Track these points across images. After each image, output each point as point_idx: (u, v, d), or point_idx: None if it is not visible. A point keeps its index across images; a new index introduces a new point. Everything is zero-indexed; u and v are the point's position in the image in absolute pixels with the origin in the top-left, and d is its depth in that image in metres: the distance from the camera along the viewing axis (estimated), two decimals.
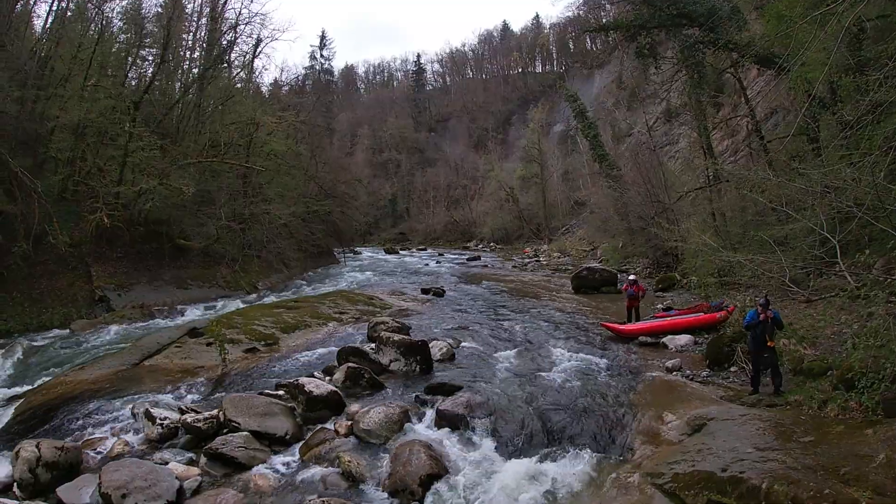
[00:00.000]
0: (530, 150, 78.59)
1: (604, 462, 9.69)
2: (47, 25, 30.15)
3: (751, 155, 28.89)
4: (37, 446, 9.34)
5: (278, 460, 10.05)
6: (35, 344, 19.10)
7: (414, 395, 12.64)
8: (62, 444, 9.74)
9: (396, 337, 15.02)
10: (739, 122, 34.04)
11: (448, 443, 10.37)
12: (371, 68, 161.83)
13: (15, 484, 9.10)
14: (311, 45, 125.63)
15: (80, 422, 11.72)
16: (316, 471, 9.55)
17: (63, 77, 28.32)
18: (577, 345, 16.84)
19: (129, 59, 35.42)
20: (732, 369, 13.99)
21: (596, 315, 21.29)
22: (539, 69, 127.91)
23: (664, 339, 16.96)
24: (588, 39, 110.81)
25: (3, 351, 17.63)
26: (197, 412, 11.32)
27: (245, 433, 10.34)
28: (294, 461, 10.02)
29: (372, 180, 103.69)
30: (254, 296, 31.15)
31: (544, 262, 48.82)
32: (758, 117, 28.63)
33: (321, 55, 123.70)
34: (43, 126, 27.20)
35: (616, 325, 18.27)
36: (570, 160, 79.84)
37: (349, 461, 9.46)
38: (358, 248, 68.56)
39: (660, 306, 21.41)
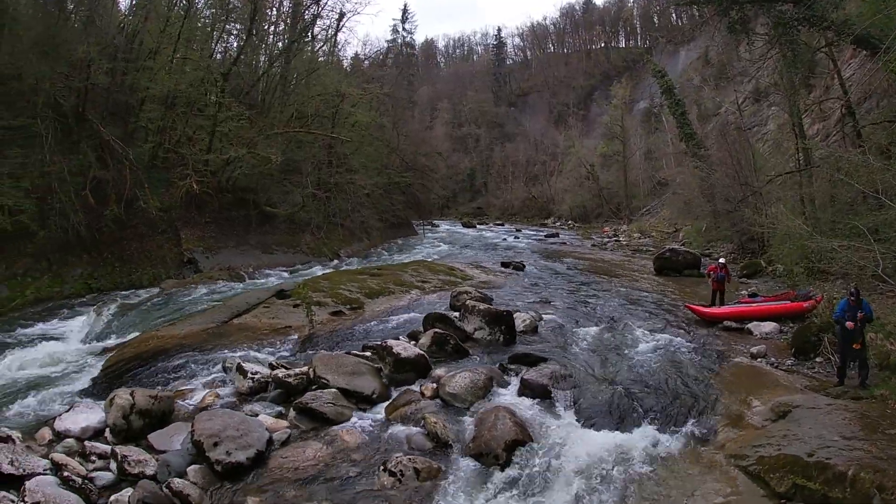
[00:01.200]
0: (612, 127, 76.44)
1: (686, 441, 9.61)
2: (134, 1, 31.17)
3: (843, 140, 27.73)
4: (131, 394, 9.77)
5: (365, 417, 10.35)
6: (127, 301, 20.02)
7: (498, 363, 12.72)
8: (156, 392, 10.20)
9: (482, 306, 15.12)
10: (832, 106, 32.66)
11: (532, 411, 10.45)
12: (451, 42, 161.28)
13: (108, 429, 9.54)
14: (394, 19, 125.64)
15: (172, 374, 12.35)
16: (401, 429, 9.80)
17: (151, 51, 29.43)
18: (659, 325, 16.63)
19: (215, 33, 36.39)
20: (818, 360, 13.54)
21: (679, 297, 20.93)
22: (622, 44, 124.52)
23: (749, 325, 16.47)
24: (674, 13, 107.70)
25: (97, 307, 18.51)
26: (287, 368, 11.77)
27: (333, 390, 10.70)
28: (380, 419, 10.29)
29: (451, 154, 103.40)
30: (336, 262, 31.96)
31: (624, 243, 47.86)
32: (852, 101, 27.42)
33: (403, 28, 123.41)
34: (133, 97, 28.51)
35: (700, 308, 17.91)
36: (652, 139, 77.48)
37: (434, 422, 9.65)
38: (436, 221, 68.88)
39: (744, 292, 20.82)
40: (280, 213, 33.62)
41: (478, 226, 73.40)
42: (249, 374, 11.31)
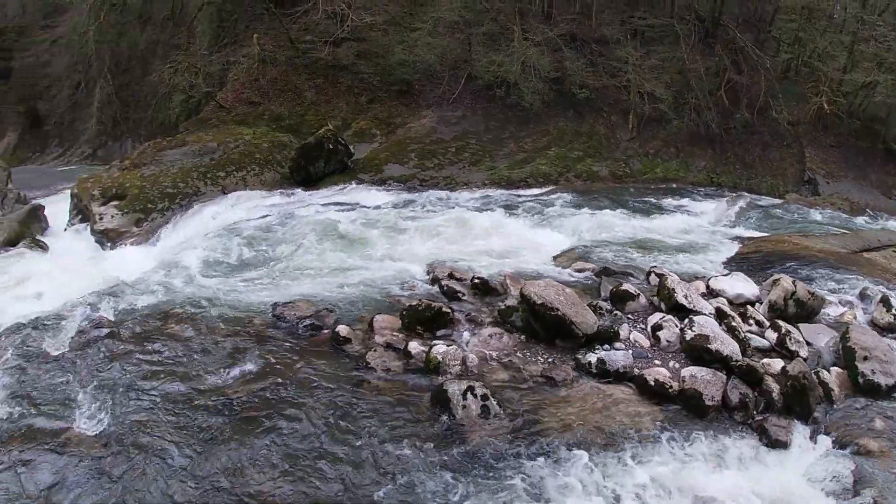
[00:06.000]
0: None
1: None
2: None
3: None
4: (793, 282, 10.43)
5: None
6: (755, 202, 21.30)
7: None
8: (813, 290, 10.70)
9: None
10: None
11: None
12: None
13: (760, 304, 10.43)
14: None
15: (806, 280, 12.31)
16: None
17: None
18: None
19: None
20: None
21: None
22: None
23: None
24: None
25: (729, 198, 20.51)
26: None
27: None
28: None
29: None
30: None
31: None
32: None
33: None
34: (768, 5, 28.91)
35: None
36: None
37: None
38: None
39: None
40: None
41: None
42: (894, 310, 10.90)
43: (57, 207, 17.96)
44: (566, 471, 6.70)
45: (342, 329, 8.94)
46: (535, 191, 19.44)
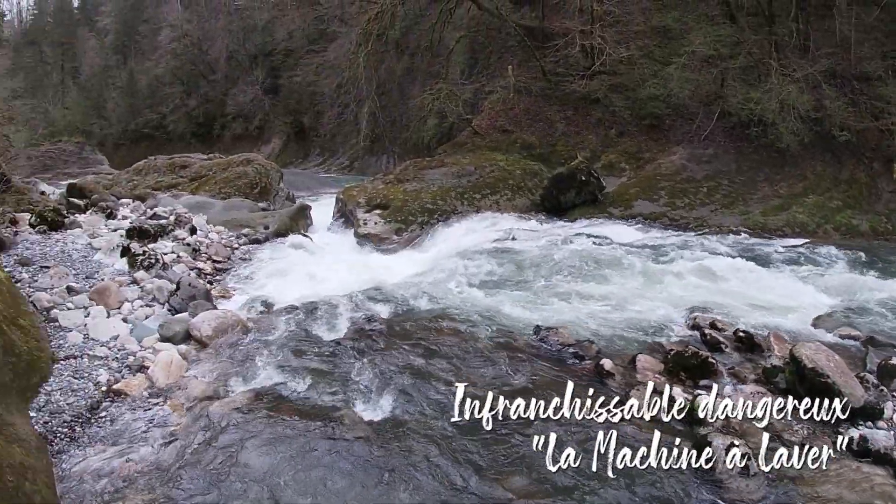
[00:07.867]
0: None
1: None
2: None
3: None
4: None
5: None
6: None
7: None
8: None
9: None
10: None
11: None
12: None
13: None
14: None
15: None
16: None
17: None
18: None
19: None
20: None
21: None
22: None
23: None
24: None
25: None
26: None
27: None
28: None
29: None
30: None
31: None
32: None
33: None
34: None
35: None
36: None
37: None
38: None
39: None
40: None
41: None
42: None
43: (319, 205, 20.28)
44: None
45: (606, 363, 9.12)
46: (791, 241, 18.41)
